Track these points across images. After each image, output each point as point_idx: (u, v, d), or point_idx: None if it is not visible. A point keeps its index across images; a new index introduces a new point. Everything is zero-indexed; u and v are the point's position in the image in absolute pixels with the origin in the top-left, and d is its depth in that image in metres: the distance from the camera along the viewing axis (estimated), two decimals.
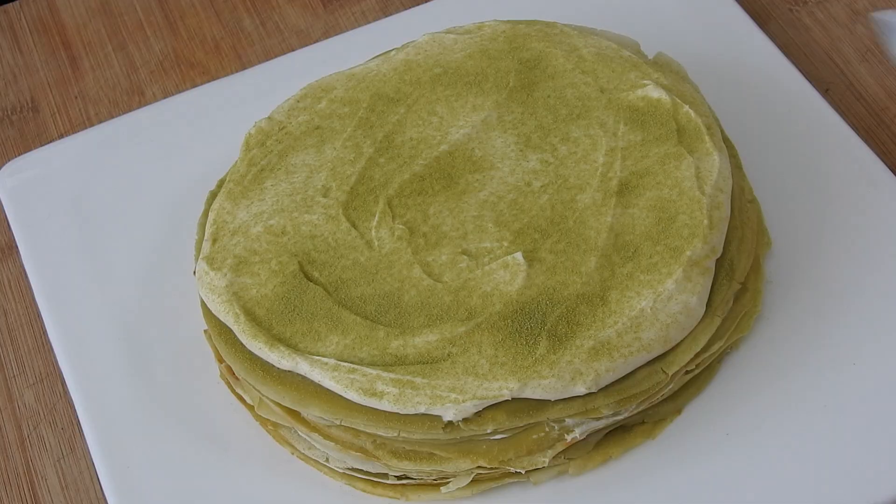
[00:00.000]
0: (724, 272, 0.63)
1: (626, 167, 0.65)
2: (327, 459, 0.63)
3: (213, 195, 0.71)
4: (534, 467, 0.61)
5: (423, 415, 0.59)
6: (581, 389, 0.58)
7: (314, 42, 0.87)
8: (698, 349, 0.61)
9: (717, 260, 0.62)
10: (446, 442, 0.60)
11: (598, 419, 0.60)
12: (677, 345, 0.61)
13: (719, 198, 0.63)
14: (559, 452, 0.61)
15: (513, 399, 0.58)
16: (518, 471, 0.61)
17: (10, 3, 0.94)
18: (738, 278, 0.63)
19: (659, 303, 0.60)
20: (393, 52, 0.74)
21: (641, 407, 0.61)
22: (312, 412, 0.60)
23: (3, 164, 0.79)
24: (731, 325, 0.63)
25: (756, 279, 0.66)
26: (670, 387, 0.62)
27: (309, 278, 0.63)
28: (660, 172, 0.64)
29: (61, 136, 0.85)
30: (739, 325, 0.64)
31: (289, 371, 0.61)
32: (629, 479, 0.62)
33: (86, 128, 0.83)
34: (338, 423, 0.60)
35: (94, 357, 0.68)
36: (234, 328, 0.62)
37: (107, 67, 0.89)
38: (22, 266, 0.74)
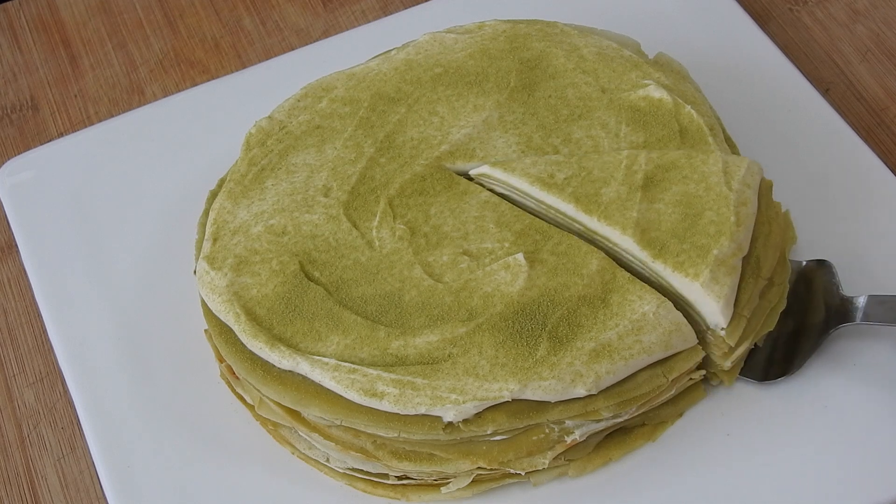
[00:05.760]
0: (751, 269, 0.62)
1: (651, 160, 0.64)
2: (328, 459, 0.63)
3: (214, 194, 0.71)
4: (533, 469, 0.61)
5: (424, 415, 0.59)
6: (581, 391, 0.58)
7: (314, 41, 0.87)
8: (699, 358, 0.61)
9: (744, 257, 0.61)
10: (446, 443, 0.60)
11: (598, 421, 0.60)
12: (680, 351, 0.61)
13: (746, 193, 0.62)
14: (559, 454, 0.61)
15: (513, 400, 0.58)
16: (518, 472, 0.61)
17: (10, 2, 0.94)
18: (765, 275, 0.62)
19: (663, 308, 0.60)
20: (393, 52, 0.74)
21: (642, 410, 0.61)
22: (313, 412, 0.60)
23: (3, 164, 0.78)
24: (757, 322, 0.62)
25: (782, 273, 0.64)
26: (672, 392, 0.62)
27: (310, 278, 0.63)
28: (686, 167, 0.63)
29: (61, 135, 0.85)
30: (766, 321, 0.63)
31: (289, 371, 0.61)
32: (629, 481, 0.62)
33: (86, 126, 0.83)
34: (338, 423, 0.60)
35: (94, 357, 0.68)
36: (235, 328, 0.62)
37: (106, 66, 0.89)
38: (22, 265, 0.74)
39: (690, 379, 0.62)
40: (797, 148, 0.74)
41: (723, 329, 0.61)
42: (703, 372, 0.63)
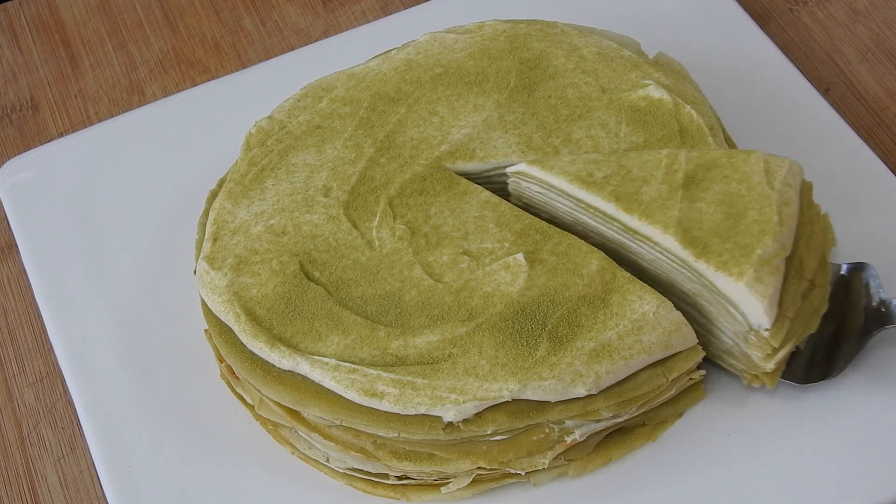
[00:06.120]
0: (794, 270, 0.61)
1: (691, 159, 0.63)
2: (328, 459, 0.63)
3: (214, 194, 0.71)
4: (533, 468, 0.61)
5: (424, 415, 0.59)
6: (581, 391, 0.58)
7: (314, 41, 0.87)
8: (699, 358, 0.61)
9: (787, 258, 0.60)
10: (446, 443, 0.60)
11: (598, 421, 0.60)
12: (680, 351, 0.61)
13: (788, 193, 0.61)
14: (559, 454, 0.61)
15: (513, 400, 0.58)
16: (518, 472, 0.61)
17: (10, 2, 0.94)
18: (808, 276, 0.61)
19: (663, 308, 0.60)
20: (393, 52, 0.74)
21: (642, 410, 0.61)
22: (313, 412, 0.61)
23: (3, 164, 0.78)
24: (800, 324, 0.61)
25: (823, 275, 0.63)
26: (672, 392, 0.62)
27: (310, 278, 0.63)
28: (727, 166, 0.62)
29: (61, 135, 0.85)
30: (808, 323, 0.62)
31: (289, 371, 0.61)
32: (629, 481, 0.62)
33: (86, 126, 0.83)
34: (338, 423, 0.60)
35: (94, 357, 0.68)
36: (235, 328, 0.62)
37: (106, 66, 0.89)
38: (22, 265, 0.74)
39: (690, 379, 0.62)
40: (797, 148, 0.73)
41: (766, 330, 0.59)
42: (703, 372, 0.63)
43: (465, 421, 0.59)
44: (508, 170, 0.66)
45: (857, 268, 0.66)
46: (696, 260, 0.60)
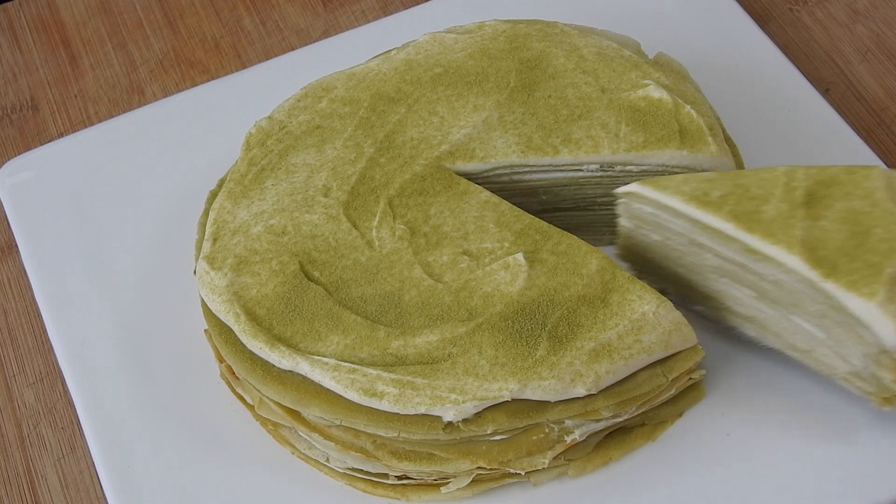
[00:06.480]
0: None
1: (810, 176, 0.61)
2: (327, 459, 0.63)
3: (214, 195, 0.71)
4: (533, 468, 0.61)
5: (424, 415, 0.59)
6: (581, 391, 0.58)
7: (314, 41, 0.87)
8: (699, 358, 0.61)
9: None
10: (446, 442, 0.60)
11: (597, 421, 0.60)
12: (680, 351, 0.61)
13: None
14: (559, 454, 0.61)
15: (513, 400, 0.58)
16: (518, 472, 0.61)
17: (10, 2, 0.94)
18: None
19: (663, 308, 0.60)
20: (393, 52, 0.74)
21: (641, 410, 0.61)
22: (312, 412, 0.61)
23: (3, 164, 0.78)
24: None
25: None
26: (672, 392, 0.62)
27: (309, 278, 0.63)
28: (848, 182, 0.60)
29: (61, 135, 0.85)
30: None
31: (289, 371, 0.61)
32: (629, 480, 0.62)
33: (86, 127, 0.83)
34: (338, 423, 0.60)
35: (94, 357, 0.68)
36: (235, 328, 0.63)
37: (106, 66, 0.89)
38: (22, 265, 0.74)
39: (690, 379, 0.62)
40: (797, 148, 0.74)
41: None
42: (703, 372, 0.63)
43: (465, 421, 0.59)
44: (618, 190, 0.64)
45: None
46: (823, 280, 0.57)
